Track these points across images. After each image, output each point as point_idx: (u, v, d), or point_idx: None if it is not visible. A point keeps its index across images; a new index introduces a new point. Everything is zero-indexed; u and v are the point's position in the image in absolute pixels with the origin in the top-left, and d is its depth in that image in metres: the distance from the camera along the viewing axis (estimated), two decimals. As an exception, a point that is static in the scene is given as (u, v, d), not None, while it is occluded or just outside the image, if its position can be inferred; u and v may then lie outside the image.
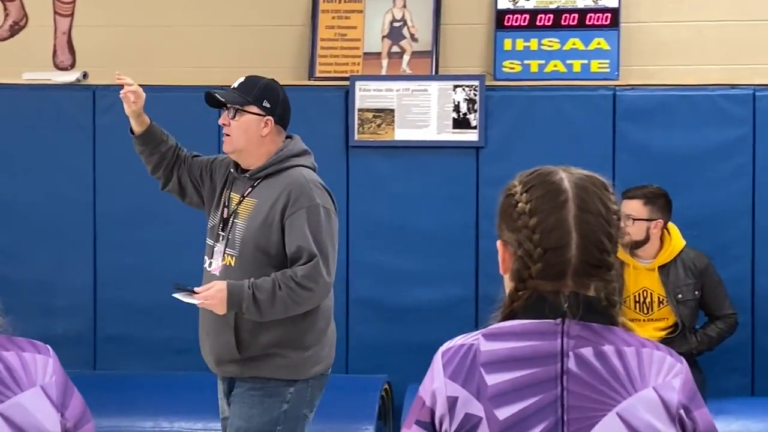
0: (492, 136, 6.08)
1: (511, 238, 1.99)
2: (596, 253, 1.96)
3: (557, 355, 1.93)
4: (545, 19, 6.21)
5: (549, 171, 2.05)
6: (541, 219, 1.96)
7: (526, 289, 1.96)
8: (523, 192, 2.01)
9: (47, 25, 6.62)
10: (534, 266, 1.95)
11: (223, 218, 4.12)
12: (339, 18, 6.36)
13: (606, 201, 2.01)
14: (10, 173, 6.37)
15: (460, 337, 2.01)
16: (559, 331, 1.94)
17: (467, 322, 5.98)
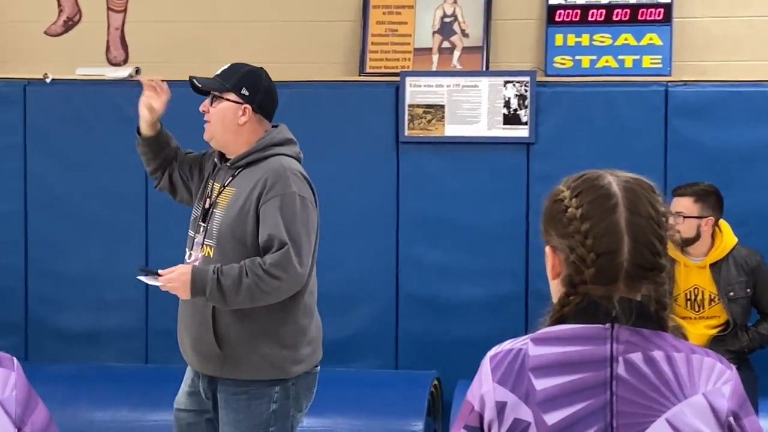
0: (542, 133, 6.06)
1: (562, 244, 1.99)
2: (648, 255, 1.95)
3: (606, 360, 1.92)
4: (597, 14, 6.18)
5: (597, 175, 2.05)
6: (594, 224, 1.96)
7: (577, 294, 1.96)
8: (573, 197, 2.00)
9: (100, 21, 6.67)
10: (587, 271, 1.94)
11: (204, 209, 4.03)
12: (390, 13, 6.36)
13: (655, 203, 2.01)
14: (64, 167, 6.43)
15: (508, 342, 2.01)
16: (608, 336, 1.94)
17: (517, 318, 5.97)
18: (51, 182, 6.42)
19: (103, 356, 6.35)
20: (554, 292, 2.02)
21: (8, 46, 6.76)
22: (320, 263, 6.20)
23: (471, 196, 6.11)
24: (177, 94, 6.67)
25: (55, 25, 6.74)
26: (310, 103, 6.22)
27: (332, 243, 6.19)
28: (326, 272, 6.22)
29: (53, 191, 6.41)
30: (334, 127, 6.18)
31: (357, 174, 6.17)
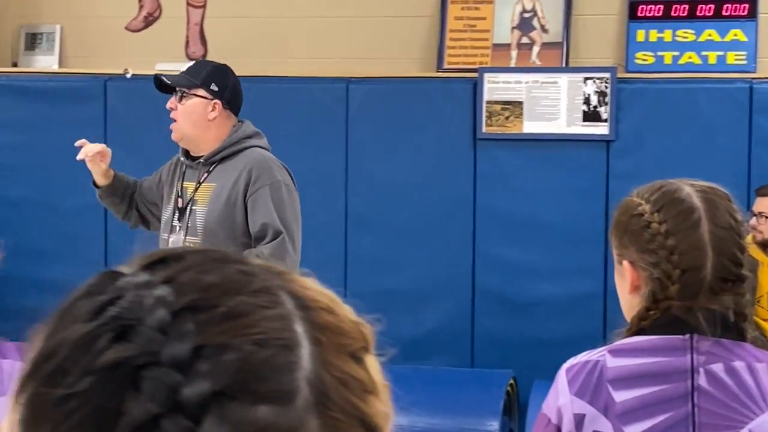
0: (623, 130, 5.98)
1: (643, 259, 1.95)
2: (731, 267, 1.92)
3: (687, 371, 1.89)
4: (680, 10, 6.08)
5: (675, 187, 1.99)
6: (680, 240, 1.92)
7: (658, 309, 1.92)
8: (654, 212, 1.96)
9: (180, 17, 6.72)
10: (672, 287, 1.91)
11: (178, 208, 4.05)
12: (468, 9, 6.32)
13: (734, 213, 1.97)
14: (144, 161, 6.47)
15: (584, 354, 1.98)
16: (688, 346, 1.90)
17: (595, 317, 5.90)
18: (130, 176, 6.46)
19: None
20: (629, 306, 1.98)
21: (90, 42, 6.83)
22: (398, 260, 6.20)
23: (549, 194, 6.05)
24: (256, 90, 6.71)
25: (135, 21, 6.79)
26: (389, 99, 6.20)
27: (409, 240, 6.18)
28: (403, 269, 6.22)
29: (132, 185, 6.47)
30: (412, 124, 6.15)
31: (434, 170, 6.14)
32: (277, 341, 0.76)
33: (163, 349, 0.73)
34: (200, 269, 0.79)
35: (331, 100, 6.23)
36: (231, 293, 0.77)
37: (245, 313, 0.76)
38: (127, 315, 0.76)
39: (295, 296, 0.80)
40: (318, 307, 0.81)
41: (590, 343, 4.35)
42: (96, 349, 0.75)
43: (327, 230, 6.24)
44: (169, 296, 0.76)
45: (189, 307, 0.76)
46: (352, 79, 6.25)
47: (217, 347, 0.74)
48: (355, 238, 6.24)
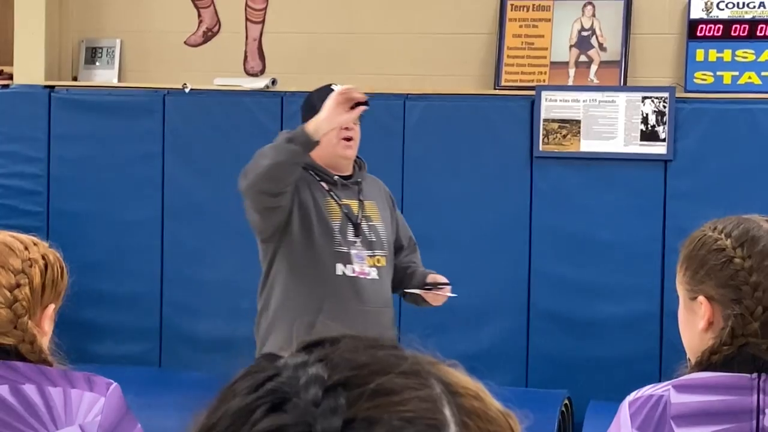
0: (681, 150, 5.93)
1: (724, 295, 1.93)
2: None
3: (752, 411, 1.86)
4: (740, 30, 6.03)
5: (754, 224, 1.98)
6: (764, 277, 1.91)
7: (733, 345, 1.90)
8: (737, 247, 1.94)
9: (239, 32, 6.76)
10: (752, 324, 1.89)
11: (352, 224, 4.13)
12: (526, 26, 6.31)
13: None
14: (201, 176, 6.53)
15: (648, 387, 1.95)
16: (754, 386, 1.87)
17: (652, 338, 5.85)
18: (188, 190, 6.52)
19: (234, 365, 6.40)
20: (698, 342, 1.95)
21: (149, 56, 6.90)
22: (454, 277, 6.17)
23: (606, 213, 6.02)
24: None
25: (194, 36, 6.85)
26: (446, 116, 6.20)
27: (466, 256, 6.16)
28: (458, 286, 6.19)
29: (190, 199, 6.51)
30: (468, 141, 6.15)
31: (491, 188, 6.13)
32: (425, 420, 0.79)
33: (316, 421, 0.78)
34: (354, 351, 0.84)
35: (388, 117, 6.25)
36: (382, 373, 0.81)
37: (395, 391, 0.80)
38: (284, 389, 0.81)
39: (444, 381, 0.84)
40: (466, 393, 0.84)
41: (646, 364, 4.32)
42: (253, 419, 0.80)
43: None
44: (323, 373, 0.81)
45: (342, 383, 0.80)
46: (409, 96, 6.26)
47: (366, 421, 0.78)
48: (415, 255, 6.23)
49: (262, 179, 4.00)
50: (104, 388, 2.15)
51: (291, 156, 3.94)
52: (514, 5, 6.33)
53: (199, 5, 6.83)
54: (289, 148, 3.94)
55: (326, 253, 4.11)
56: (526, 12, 6.32)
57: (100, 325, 6.51)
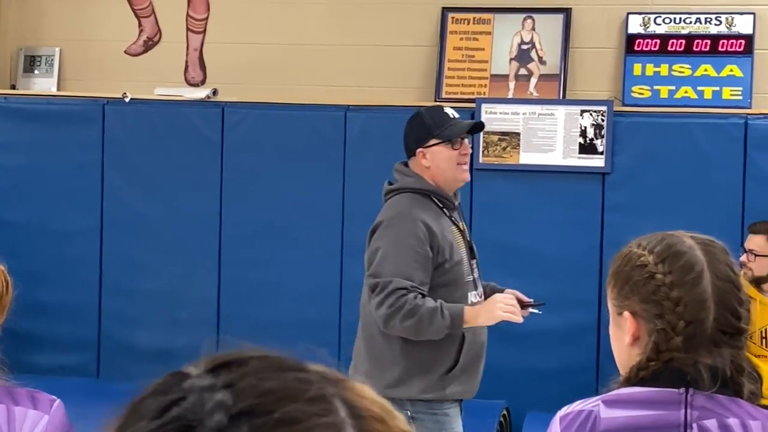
0: (619, 163, 6.00)
1: (647, 311, 1.95)
2: (732, 320, 1.93)
3: (680, 426, 1.88)
4: (677, 45, 6.12)
5: (677, 240, 1.99)
6: (685, 292, 1.93)
7: (659, 360, 1.92)
8: (659, 263, 1.96)
9: (180, 42, 6.74)
10: (675, 339, 1.91)
11: (469, 247, 4.12)
12: (467, 39, 6.35)
13: (732, 266, 1.98)
14: (141, 186, 6.50)
15: (579, 402, 1.97)
16: (682, 401, 1.89)
17: (589, 349, 5.91)
18: (127, 200, 6.49)
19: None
20: (627, 356, 1.96)
21: (89, 65, 6.86)
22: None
23: (545, 225, 6.07)
24: (254, 116, 6.74)
25: (135, 45, 6.82)
26: (387, 128, 6.22)
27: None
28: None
29: (129, 209, 6.48)
30: (408, 152, 6.17)
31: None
32: None
33: None
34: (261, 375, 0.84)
35: (329, 128, 6.26)
36: (288, 399, 0.82)
37: (299, 420, 0.80)
38: (189, 416, 0.81)
39: (350, 405, 0.84)
40: (370, 416, 0.84)
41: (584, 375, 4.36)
42: None
43: (323, 258, 6.25)
44: (228, 401, 0.81)
45: (246, 411, 0.81)
46: (350, 107, 6.28)
47: None
48: (352, 266, 6.24)
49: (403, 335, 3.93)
50: (48, 406, 2.14)
51: (439, 337, 3.90)
52: (455, 18, 6.37)
53: (139, 14, 6.80)
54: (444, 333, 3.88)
55: (462, 285, 4.04)
56: (467, 25, 6.36)
57: (38, 336, 6.44)
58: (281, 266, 6.30)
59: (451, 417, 4.09)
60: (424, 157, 4.06)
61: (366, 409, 0.85)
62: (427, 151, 4.06)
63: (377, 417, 0.85)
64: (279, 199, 6.32)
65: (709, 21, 6.11)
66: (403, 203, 4.02)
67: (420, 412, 4.04)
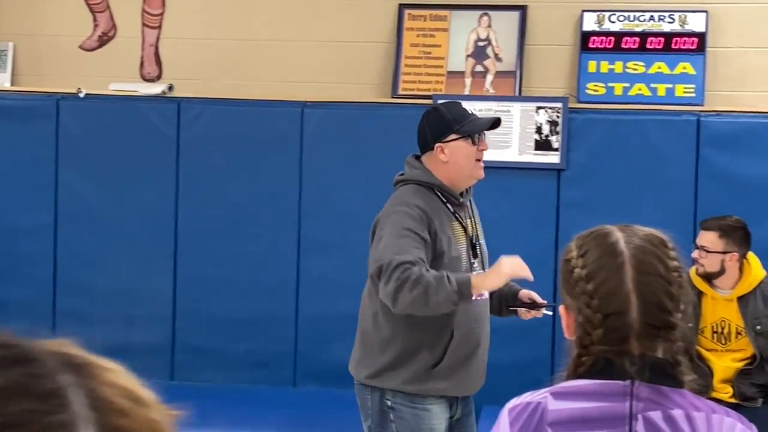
0: (574, 159, 6.04)
1: (572, 304, 1.97)
2: (658, 314, 1.92)
3: (625, 417, 1.89)
4: (631, 42, 6.17)
5: (605, 233, 2.00)
6: (599, 284, 1.93)
7: (589, 354, 1.93)
8: (579, 256, 1.98)
9: (135, 37, 6.71)
10: (594, 332, 1.92)
11: (471, 246, 4.13)
12: (424, 36, 6.37)
13: (665, 259, 1.96)
14: (95, 182, 6.46)
15: (527, 394, 1.98)
16: (628, 392, 1.90)
17: (543, 343, 5.95)
18: (82, 196, 6.45)
19: (128, 371, 6.34)
20: (573, 349, 1.99)
21: (43, 60, 6.81)
22: (351, 284, 6.20)
23: (500, 222, 6.09)
24: (211, 112, 6.71)
25: (89, 40, 6.78)
26: (344, 124, 6.23)
27: (362, 264, 6.18)
28: (356, 293, 6.22)
29: (84, 205, 6.44)
30: (366, 149, 6.18)
31: (388, 196, 6.16)
32: None
33: None
34: None
35: (286, 124, 6.26)
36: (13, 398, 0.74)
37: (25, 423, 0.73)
38: None
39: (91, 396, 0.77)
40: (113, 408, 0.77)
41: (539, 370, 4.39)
42: None
43: (280, 253, 6.25)
44: None
45: None
46: (307, 103, 6.28)
47: None
48: (308, 261, 6.25)
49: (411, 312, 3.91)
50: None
51: (450, 307, 3.89)
52: (412, 15, 6.39)
53: (94, 9, 6.76)
54: (453, 303, 3.85)
55: None
56: (424, 21, 6.38)
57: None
58: (237, 262, 6.29)
59: (432, 413, 4.09)
60: (443, 152, 4.07)
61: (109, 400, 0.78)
62: (446, 146, 4.07)
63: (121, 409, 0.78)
64: (235, 195, 6.31)
65: (663, 19, 6.16)
66: (406, 193, 4.07)
67: (399, 404, 4.07)
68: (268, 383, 6.19)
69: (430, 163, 4.10)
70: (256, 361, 6.24)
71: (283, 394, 6.10)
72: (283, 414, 5.83)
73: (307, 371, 6.23)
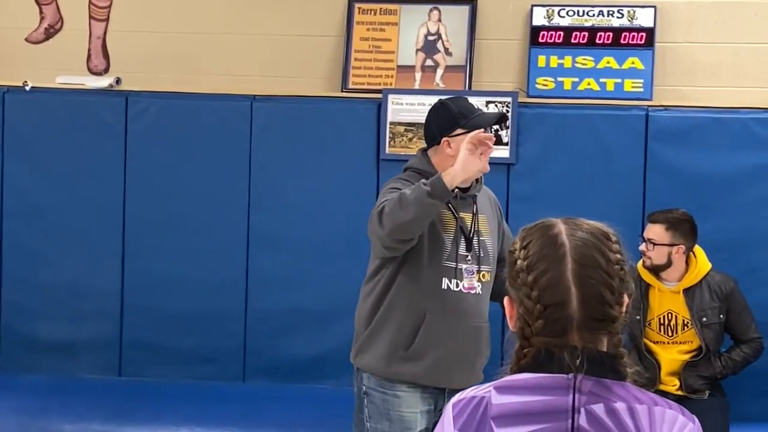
0: (523, 153, 6.06)
1: (515, 296, 1.98)
2: (599, 306, 1.93)
3: (568, 411, 1.89)
4: (580, 37, 6.20)
5: (548, 225, 2.01)
6: (538, 275, 1.94)
7: (531, 346, 1.94)
8: (522, 248, 1.98)
9: (82, 30, 6.65)
10: (535, 324, 1.92)
11: (465, 238, 4.12)
12: (374, 30, 6.36)
13: (607, 252, 1.97)
14: (42, 176, 6.40)
15: (472, 389, 1.98)
16: (571, 386, 1.91)
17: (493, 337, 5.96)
18: (28, 191, 6.38)
19: (76, 368, 6.30)
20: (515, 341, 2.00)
21: (-11, 53, 6.73)
22: (300, 279, 6.19)
23: (450, 215, 6.10)
24: (159, 106, 6.66)
25: (36, 33, 6.71)
26: (293, 118, 6.21)
27: (312, 259, 6.17)
28: (305, 288, 6.22)
29: (30, 200, 6.38)
30: (316, 143, 6.17)
31: (338, 190, 6.16)
32: None
33: None
34: None
35: (235, 118, 6.23)
36: None
37: None
38: None
39: None
40: None
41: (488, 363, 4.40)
42: None
43: (229, 248, 6.22)
44: None
45: None
46: (256, 97, 6.25)
47: None
48: (258, 256, 6.23)
49: (400, 232, 3.95)
50: None
51: (431, 210, 3.91)
52: (362, 8, 6.38)
53: (41, 2, 6.69)
54: (431, 203, 3.87)
55: (434, 267, 4.09)
56: (374, 15, 6.37)
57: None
58: (186, 257, 6.25)
59: (402, 399, 4.12)
60: (449, 146, 4.11)
61: None
62: (452, 140, 4.11)
63: None
64: (184, 190, 6.27)
65: (612, 14, 6.20)
66: (400, 177, 4.18)
67: (372, 388, 4.14)
68: (217, 379, 6.16)
69: (436, 157, 4.16)
70: (205, 357, 6.21)
71: (233, 390, 6.07)
72: (232, 409, 5.80)
73: (256, 366, 6.21)
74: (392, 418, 4.11)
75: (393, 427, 4.10)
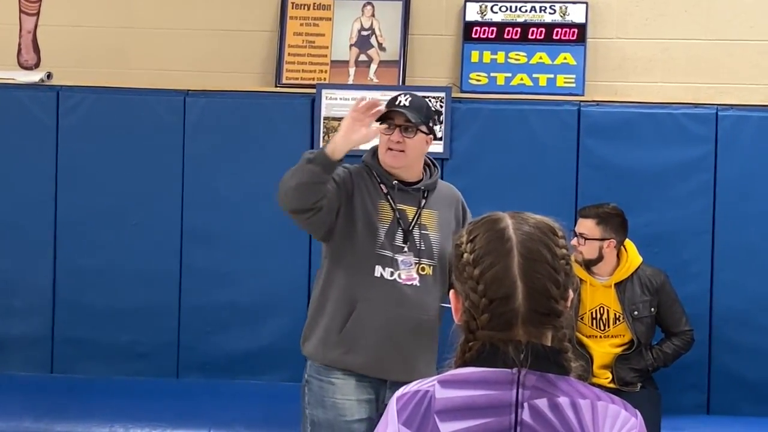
0: (457, 148, 6.09)
1: (460, 289, 1.98)
2: (544, 301, 1.93)
3: (511, 405, 1.90)
4: (513, 33, 6.24)
5: (495, 219, 2.01)
6: (485, 269, 1.94)
7: (476, 339, 1.94)
8: (468, 242, 1.98)
9: (12, 24, 6.57)
10: (480, 317, 1.92)
11: (402, 230, 4.16)
12: (307, 25, 6.36)
13: (553, 247, 1.97)
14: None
15: (416, 383, 1.98)
16: (514, 380, 1.91)
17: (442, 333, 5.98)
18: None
19: (7, 365, 6.23)
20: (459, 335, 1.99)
21: None
22: (234, 274, 6.17)
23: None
24: (91, 100, 6.60)
25: (-35, 27, 6.62)
26: (227, 113, 6.19)
27: (246, 254, 6.16)
28: (239, 283, 6.20)
29: (-41, 195, 6.29)
30: (250, 138, 6.15)
31: (271, 186, 6.13)
32: None
33: None
34: None
35: (168, 113, 6.19)
36: None
37: None
38: None
39: None
40: None
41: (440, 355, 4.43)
42: None
43: (162, 243, 6.18)
44: None
45: None
46: (189, 92, 6.22)
47: None
48: (191, 251, 6.20)
49: (289, 200, 4.08)
50: None
51: (312, 176, 3.99)
52: (295, 3, 6.37)
53: (-30, -5, 6.60)
54: (310, 169, 3.98)
55: (366, 255, 4.14)
56: (307, 10, 6.36)
57: None
58: (119, 252, 6.21)
59: (336, 387, 4.15)
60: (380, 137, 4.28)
61: None
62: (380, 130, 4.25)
63: None
64: (116, 185, 6.22)
65: (544, 10, 6.24)
66: None
67: (312, 376, 4.21)
68: (150, 375, 6.12)
69: None
70: (138, 353, 6.17)
71: (166, 386, 6.04)
72: (165, 405, 5.78)
73: (189, 362, 6.18)
74: (326, 404, 4.14)
75: (327, 413, 4.14)
